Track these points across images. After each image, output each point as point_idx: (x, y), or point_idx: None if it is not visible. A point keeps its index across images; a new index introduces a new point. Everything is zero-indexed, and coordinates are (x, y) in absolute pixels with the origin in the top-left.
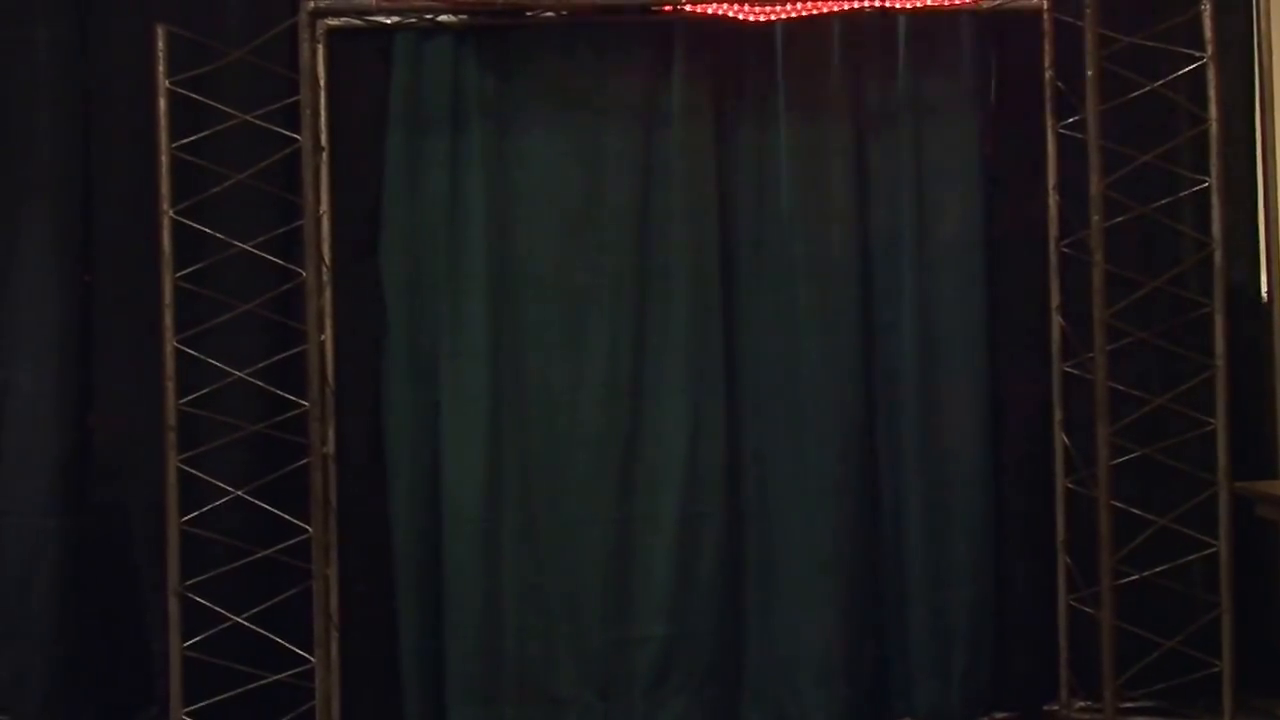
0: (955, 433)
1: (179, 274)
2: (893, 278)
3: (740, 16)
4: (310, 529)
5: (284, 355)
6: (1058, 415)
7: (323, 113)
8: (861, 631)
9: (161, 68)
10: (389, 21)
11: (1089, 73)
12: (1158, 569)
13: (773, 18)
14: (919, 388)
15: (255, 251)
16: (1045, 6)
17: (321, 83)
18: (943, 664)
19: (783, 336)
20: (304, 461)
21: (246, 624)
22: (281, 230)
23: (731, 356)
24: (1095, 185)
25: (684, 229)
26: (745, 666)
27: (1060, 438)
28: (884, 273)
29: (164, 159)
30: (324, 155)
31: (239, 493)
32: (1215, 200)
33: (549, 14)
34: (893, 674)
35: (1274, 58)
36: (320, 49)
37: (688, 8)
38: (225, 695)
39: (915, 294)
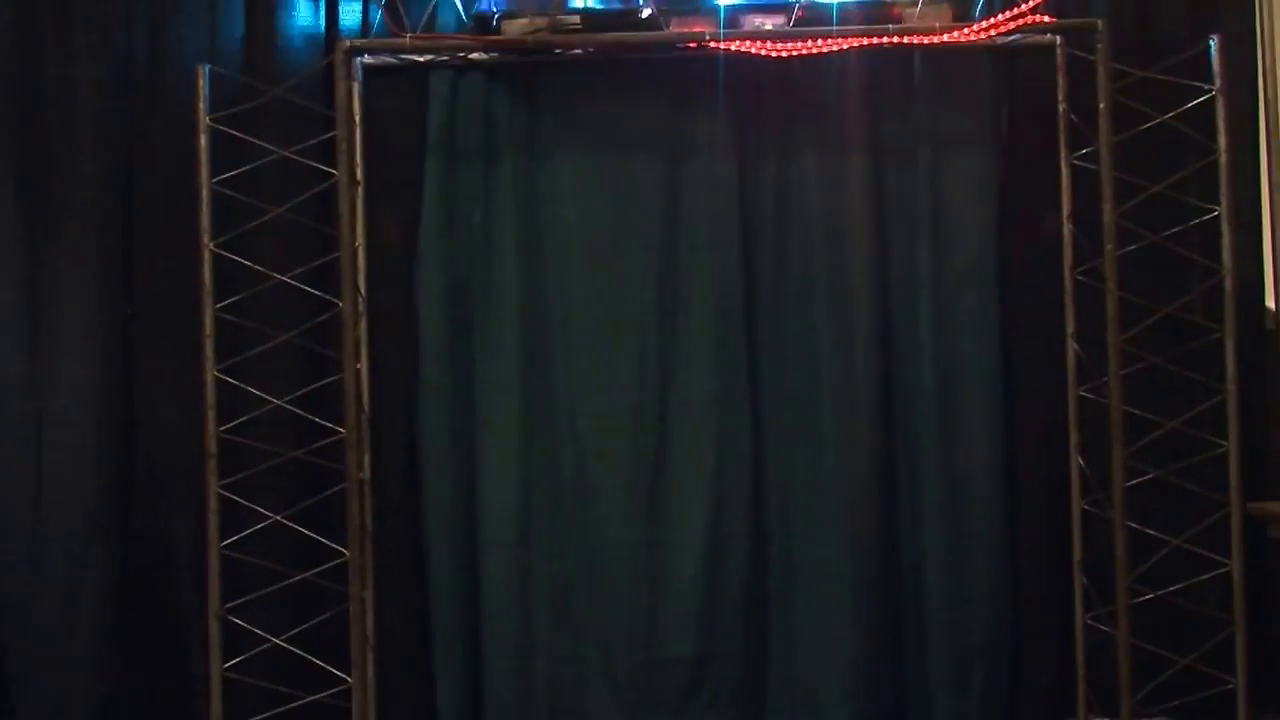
0: (973, 455)
1: (218, 305)
2: (910, 306)
3: (763, 53)
4: (347, 552)
5: (321, 384)
6: (1073, 439)
7: (359, 148)
8: (882, 650)
9: (202, 105)
10: (423, 59)
11: (1101, 105)
12: (1172, 588)
13: (793, 54)
14: (937, 412)
15: (293, 283)
16: (1058, 42)
17: (357, 119)
18: (962, 681)
19: (804, 363)
20: (341, 487)
21: (285, 645)
22: (318, 262)
23: (755, 382)
24: (1108, 215)
25: (708, 258)
26: (769, 685)
27: (1076, 460)
28: (902, 301)
29: (204, 193)
30: (360, 189)
31: (278, 517)
32: (1225, 229)
33: (577, 52)
34: (913, 691)
35: None
36: (356, 86)
37: (712, 45)
38: (264, 715)
39: (932, 321)
